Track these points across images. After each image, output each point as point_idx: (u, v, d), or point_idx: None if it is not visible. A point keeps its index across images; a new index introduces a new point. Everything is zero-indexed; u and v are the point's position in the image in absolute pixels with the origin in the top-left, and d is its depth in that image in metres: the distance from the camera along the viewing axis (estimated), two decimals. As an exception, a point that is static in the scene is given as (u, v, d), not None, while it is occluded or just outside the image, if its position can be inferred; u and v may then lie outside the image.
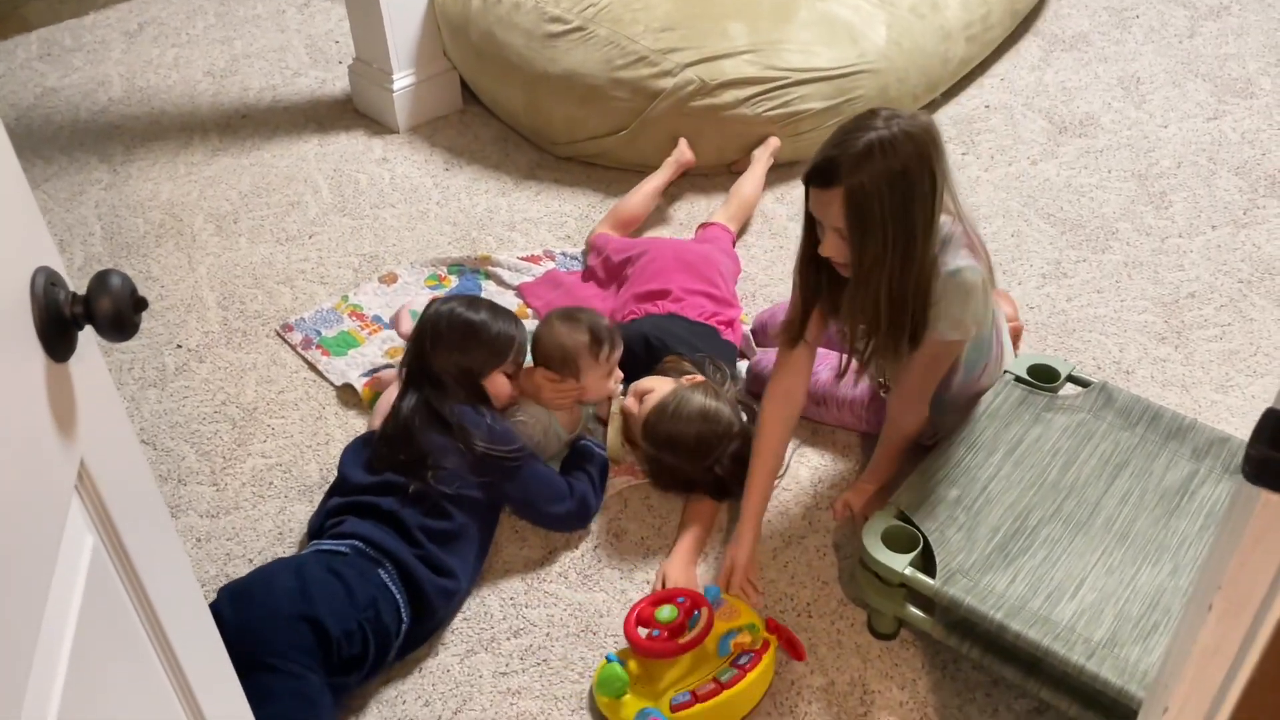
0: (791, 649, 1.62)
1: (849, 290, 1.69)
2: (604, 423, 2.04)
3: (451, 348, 1.84)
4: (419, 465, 1.75)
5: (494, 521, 1.86)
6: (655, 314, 2.14)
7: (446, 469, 1.75)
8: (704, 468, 1.87)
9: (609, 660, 1.60)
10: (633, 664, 1.62)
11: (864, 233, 1.61)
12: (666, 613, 1.62)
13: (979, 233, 1.75)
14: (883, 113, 1.62)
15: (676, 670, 1.60)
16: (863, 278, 1.65)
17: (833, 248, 1.66)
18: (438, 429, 1.79)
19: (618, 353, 1.96)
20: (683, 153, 2.64)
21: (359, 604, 1.59)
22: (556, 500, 1.85)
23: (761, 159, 2.64)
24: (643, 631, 1.62)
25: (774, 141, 2.67)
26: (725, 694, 1.53)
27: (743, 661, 1.57)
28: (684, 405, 1.86)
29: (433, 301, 1.92)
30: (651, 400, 1.89)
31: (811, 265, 1.74)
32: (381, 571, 1.64)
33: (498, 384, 1.88)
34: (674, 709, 1.53)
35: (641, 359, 2.00)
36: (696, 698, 1.53)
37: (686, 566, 1.81)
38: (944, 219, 1.68)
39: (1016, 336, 2.22)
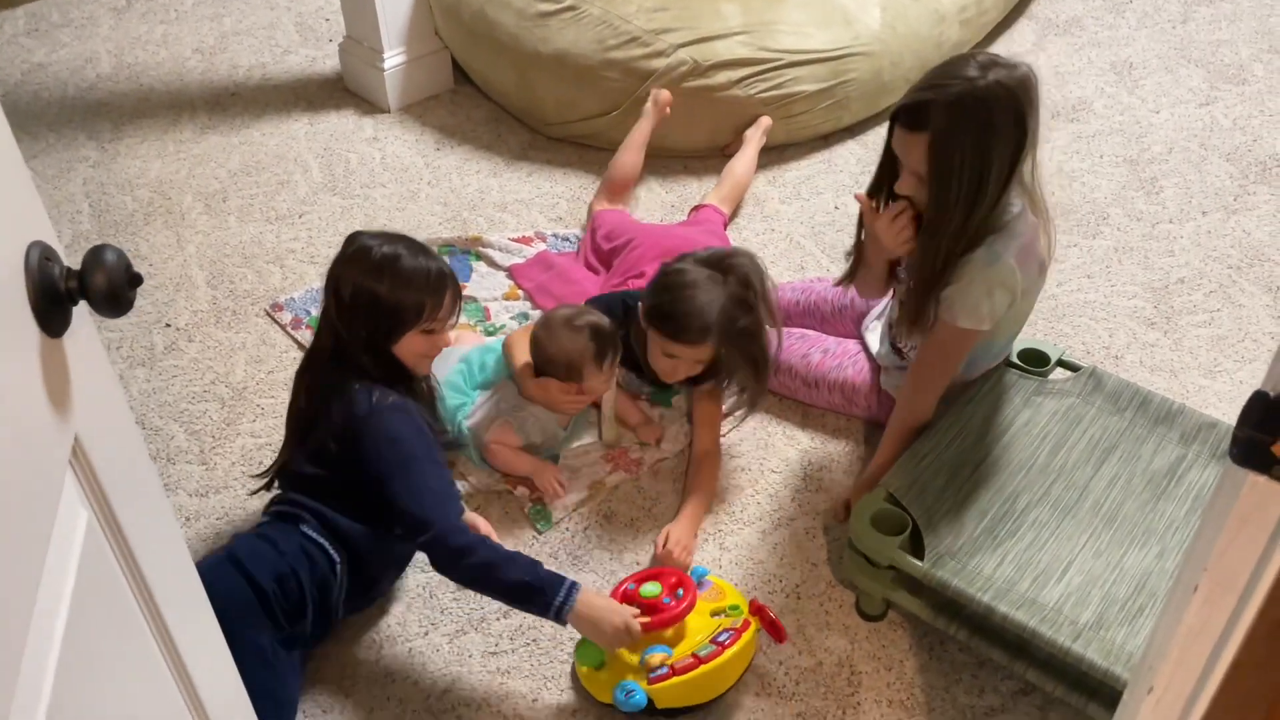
0: (773, 631, 1.63)
1: (920, 237, 1.71)
2: (598, 407, 2.04)
3: (355, 315, 1.62)
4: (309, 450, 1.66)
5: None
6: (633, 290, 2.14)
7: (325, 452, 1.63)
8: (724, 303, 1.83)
9: None
10: None
11: (941, 180, 1.62)
12: (650, 589, 1.64)
13: (1051, 230, 1.74)
14: (979, 58, 1.62)
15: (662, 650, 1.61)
16: (933, 224, 1.67)
17: (909, 187, 1.69)
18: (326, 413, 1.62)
19: (619, 359, 1.93)
20: (657, 97, 2.61)
21: (286, 552, 1.58)
22: (446, 514, 1.58)
23: (754, 139, 2.63)
24: None
25: (765, 121, 2.66)
26: (702, 668, 1.54)
27: (722, 639, 1.58)
28: (683, 275, 1.85)
29: (352, 235, 1.68)
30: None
31: (879, 200, 1.77)
32: (303, 525, 1.62)
33: (411, 349, 1.66)
34: (651, 681, 1.55)
35: (620, 319, 1.99)
36: (674, 671, 1.55)
37: (689, 528, 1.84)
38: (1016, 203, 1.68)
39: None
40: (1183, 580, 0.84)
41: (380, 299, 1.61)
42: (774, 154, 2.75)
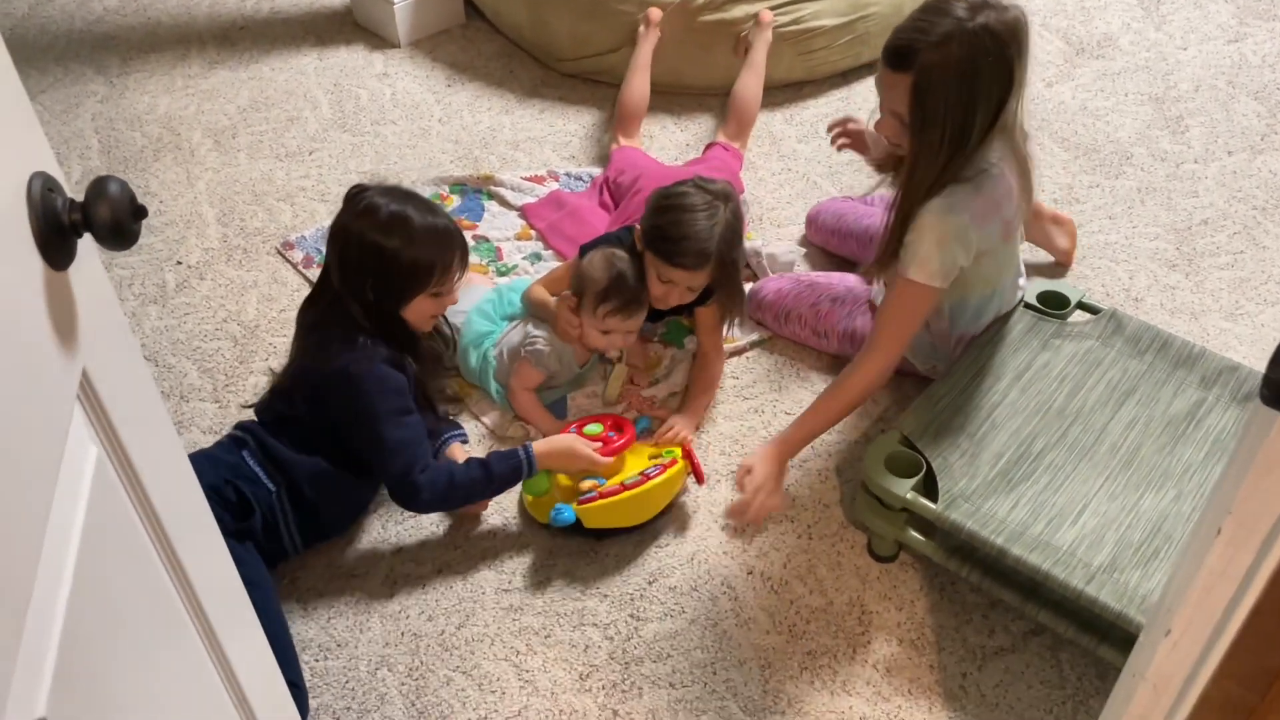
0: (696, 473, 1.79)
1: (902, 177, 1.67)
2: (609, 361, 2.03)
3: (362, 275, 1.62)
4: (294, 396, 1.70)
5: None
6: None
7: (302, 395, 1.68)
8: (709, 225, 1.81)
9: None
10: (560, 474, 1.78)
11: (924, 123, 1.58)
12: (593, 428, 1.81)
13: (1031, 184, 1.71)
14: None
15: (593, 479, 1.75)
16: (915, 167, 1.63)
17: (888, 128, 1.66)
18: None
19: (622, 320, 1.86)
20: (649, 15, 2.56)
21: (221, 466, 1.62)
22: (403, 466, 1.63)
23: (759, 45, 2.54)
24: None
25: (767, 15, 2.56)
26: (625, 494, 1.69)
27: (649, 472, 1.73)
28: (674, 191, 1.86)
29: (355, 190, 1.68)
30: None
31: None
32: (245, 450, 1.66)
33: (419, 312, 1.70)
34: (580, 503, 1.70)
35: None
36: (600, 495, 1.70)
37: (690, 421, 1.90)
38: (994, 157, 1.63)
39: (1065, 267, 2.23)
40: (1205, 523, 0.82)
41: (391, 263, 1.61)
42: (791, 91, 2.70)
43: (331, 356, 1.62)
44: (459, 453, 1.82)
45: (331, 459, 1.68)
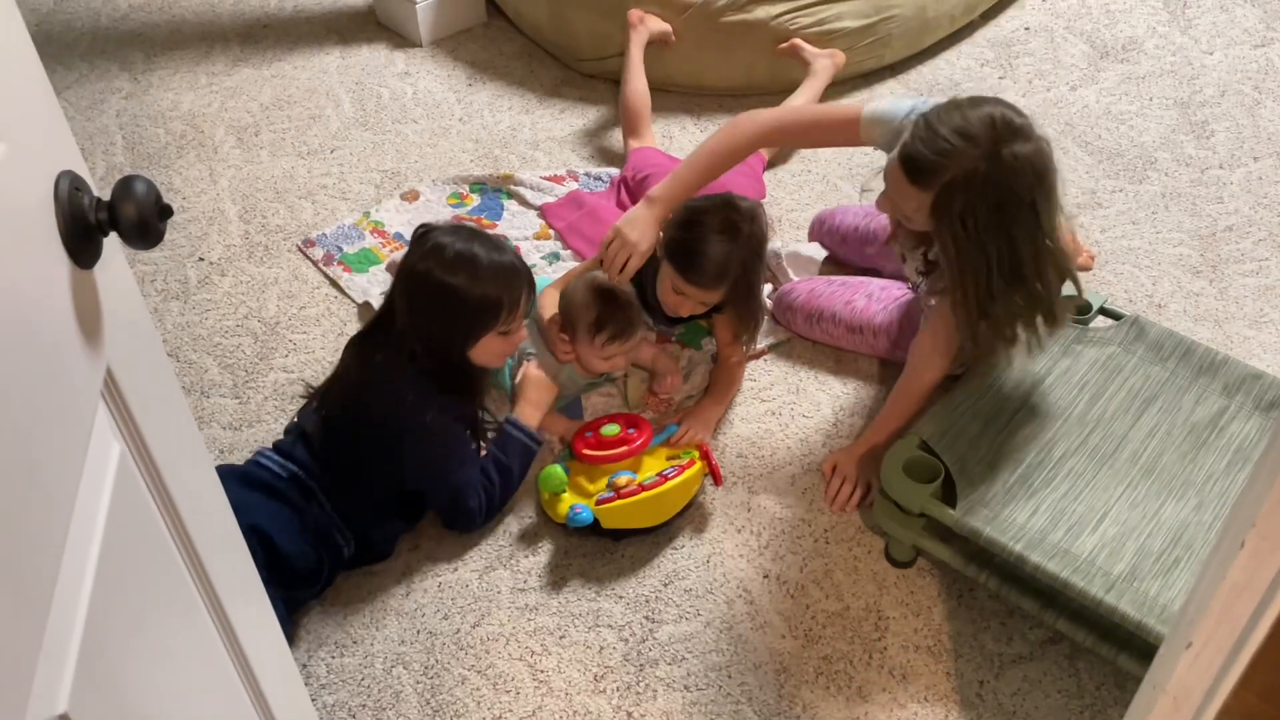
0: (714, 473, 1.78)
1: (952, 293, 1.66)
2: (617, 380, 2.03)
3: (430, 316, 1.62)
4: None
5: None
6: None
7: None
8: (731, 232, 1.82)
9: (557, 464, 1.77)
10: (577, 471, 1.79)
11: (961, 254, 1.59)
12: (610, 429, 1.82)
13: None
14: (999, 118, 1.51)
15: (628, 474, 1.77)
16: (962, 287, 1.62)
17: (890, 210, 1.68)
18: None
19: (621, 345, 1.87)
20: (629, 17, 2.56)
21: (309, 527, 1.62)
22: (470, 503, 1.72)
23: (821, 75, 2.51)
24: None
25: (841, 58, 2.53)
26: (644, 494, 1.69)
27: (667, 473, 1.73)
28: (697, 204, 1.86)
29: (421, 230, 1.67)
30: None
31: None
32: (320, 506, 1.65)
33: (488, 351, 1.69)
34: (599, 503, 1.70)
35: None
36: (619, 495, 1.71)
37: (706, 422, 1.90)
38: None
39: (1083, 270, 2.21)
40: (1228, 535, 0.82)
41: (458, 302, 1.60)
42: (812, 93, 2.69)
43: (409, 410, 1.63)
44: None
45: (393, 503, 1.73)
